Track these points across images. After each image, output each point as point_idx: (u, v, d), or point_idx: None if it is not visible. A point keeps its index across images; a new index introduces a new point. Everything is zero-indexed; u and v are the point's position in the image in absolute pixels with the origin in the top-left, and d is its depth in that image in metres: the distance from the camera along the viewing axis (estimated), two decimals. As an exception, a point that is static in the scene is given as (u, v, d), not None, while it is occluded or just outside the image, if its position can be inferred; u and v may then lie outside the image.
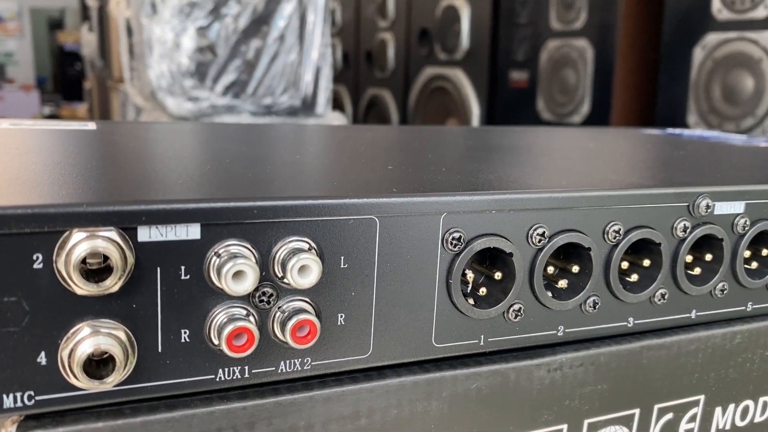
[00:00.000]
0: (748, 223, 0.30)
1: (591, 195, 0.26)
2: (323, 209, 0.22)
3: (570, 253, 0.28)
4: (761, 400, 0.33)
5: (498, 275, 0.26)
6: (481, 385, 0.26)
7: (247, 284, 0.21)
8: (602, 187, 0.27)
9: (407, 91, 1.87)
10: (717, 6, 1.03)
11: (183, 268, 0.21)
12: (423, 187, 0.25)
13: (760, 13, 0.97)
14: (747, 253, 0.31)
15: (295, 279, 0.21)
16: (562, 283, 0.27)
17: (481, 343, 0.26)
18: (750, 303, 0.32)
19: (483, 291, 0.26)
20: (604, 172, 0.32)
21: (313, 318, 0.22)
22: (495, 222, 0.25)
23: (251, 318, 0.22)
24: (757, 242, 0.32)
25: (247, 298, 0.22)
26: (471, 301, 0.26)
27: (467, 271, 0.25)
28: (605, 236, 0.27)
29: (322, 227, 0.22)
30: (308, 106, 1.35)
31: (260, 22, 1.33)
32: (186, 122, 1.15)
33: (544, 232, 0.26)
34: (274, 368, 0.23)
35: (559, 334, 0.28)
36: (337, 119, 1.42)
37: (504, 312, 0.26)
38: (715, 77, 1.06)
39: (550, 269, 0.27)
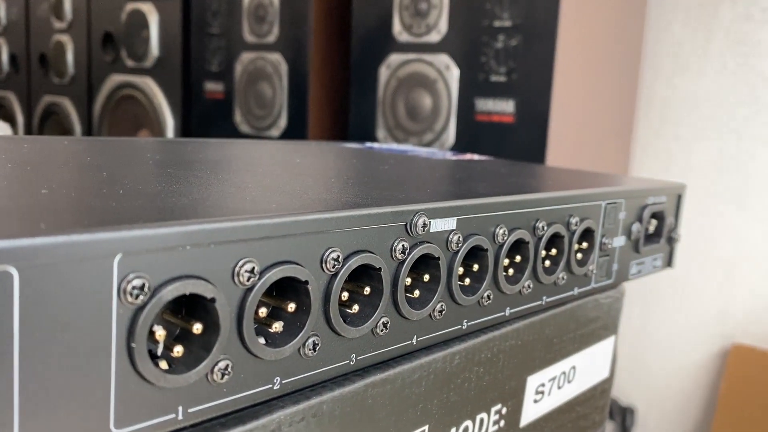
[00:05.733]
0: (460, 239, 0.29)
1: (307, 219, 0.22)
2: None
3: (285, 288, 0.23)
4: (478, 417, 0.33)
5: (197, 328, 0.20)
6: (182, 470, 0.20)
7: None
8: (318, 210, 0.23)
9: (91, 100, 1.68)
10: (398, 28, 1.10)
11: None
12: (88, 219, 0.19)
13: (433, 37, 1.05)
14: (461, 270, 0.30)
15: None
16: (277, 327, 0.23)
17: (180, 417, 0.20)
18: (465, 321, 0.31)
19: (178, 351, 0.20)
20: (317, 191, 0.28)
21: None
22: (191, 260, 0.19)
23: None
24: (468, 258, 0.31)
25: None
26: (163, 365, 0.20)
27: (156, 328, 0.19)
28: (323, 266, 0.24)
29: None
30: (-41, 114, 1.12)
31: None
32: None
33: (253, 268, 0.21)
34: None
35: (275, 387, 0.23)
36: (2, 130, 1.21)
37: (207, 374, 0.21)
38: (399, 95, 1.12)
39: (262, 311, 0.23)
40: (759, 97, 1.07)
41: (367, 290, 0.26)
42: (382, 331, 0.27)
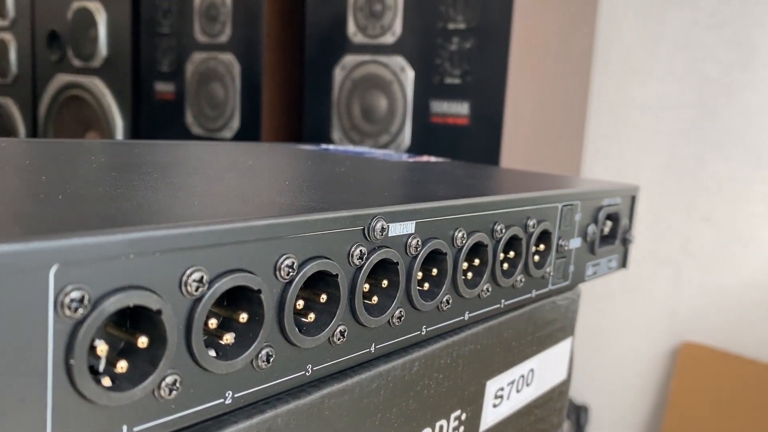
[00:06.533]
0: (419, 243, 0.29)
1: (260, 225, 0.21)
2: None
3: (236, 297, 0.22)
4: (438, 424, 0.32)
5: (143, 341, 0.19)
6: (127, 493, 0.19)
7: None
8: (272, 214, 0.22)
9: (36, 101, 1.63)
10: (352, 29, 1.09)
11: None
12: (21, 226, 0.17)
13: (388, 39, 1.05)
14: (420, 275, 0.30)
15: None
16: (228, 338, 0.22)
17: (124, 437, 0.19)
18: (424, 326, 0.31)
19: (123, 366, 0.19)
20: (270, 195, 0.27)
21: None
22: (135, 270, 0.18)
23: None
24: (427, 262, 0.30)
25: None
26: (106, 382, 0.18)
27: (98, 342, 0.18)
28: (277, 273, 0.23)
29: None
30: None
31: None
32: None
33: (202, 277, 0.20)
34: None
35: (227, 402, 0.22)
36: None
37: (154, 389, 0.19)
38: (354, 96, 1.12)
39: (212, 322, 0.21)
40: (705, 100, 1.10)
41: (323, 298, 0.25)
42: (339, 339, 0.26)
